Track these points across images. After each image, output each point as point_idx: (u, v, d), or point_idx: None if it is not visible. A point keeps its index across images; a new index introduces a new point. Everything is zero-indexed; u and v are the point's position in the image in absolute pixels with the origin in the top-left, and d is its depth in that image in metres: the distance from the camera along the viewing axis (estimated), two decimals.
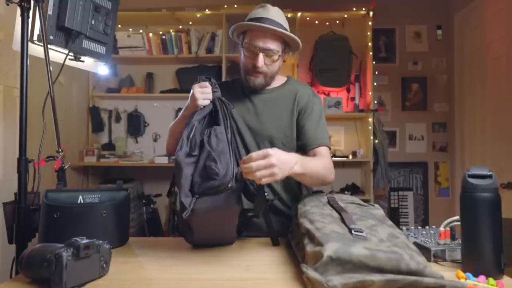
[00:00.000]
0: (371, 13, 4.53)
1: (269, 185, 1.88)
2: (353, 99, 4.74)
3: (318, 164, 1.73)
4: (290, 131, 1.94)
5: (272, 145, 1.90)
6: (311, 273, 1.10)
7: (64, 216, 1.50)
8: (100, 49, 2.07)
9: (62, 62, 1.88)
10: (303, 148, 1.93)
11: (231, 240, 1.63)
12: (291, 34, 1.83)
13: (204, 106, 1.62)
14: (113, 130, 4.94)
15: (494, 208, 1.21)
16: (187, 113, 1.71)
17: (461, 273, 1.22)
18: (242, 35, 1.90)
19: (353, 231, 1.20)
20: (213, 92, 1.65)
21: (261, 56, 1.82)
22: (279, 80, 2.04)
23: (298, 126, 1.95)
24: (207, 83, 1.67)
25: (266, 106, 1.95)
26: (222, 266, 1.36)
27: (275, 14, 1.85)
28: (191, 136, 1.49)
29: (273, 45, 1.83)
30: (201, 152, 1.47)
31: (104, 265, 1.24)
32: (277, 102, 1.96)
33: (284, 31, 1.81)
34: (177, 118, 1.88)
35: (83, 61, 2.02)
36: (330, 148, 1.96)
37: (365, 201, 1.60)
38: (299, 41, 1.87)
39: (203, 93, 1.64)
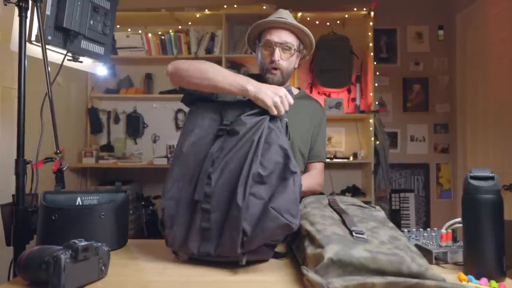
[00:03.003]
0: (372, 13, 4.52)
1: None
2: (354, 100, 4.73)
3: (309, 183, 1.94)
4: (307, 142, 2.09)
5: (292, 151, 1.90)
6: (311, 275, 1.09)
7: (63, 218, 1.49)
8: (99, 49, 2.06)
9: (60, 62, 1.87)
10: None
11: None
12: (305, 28, 1.96)
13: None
14: (112, 131, 4.93)
15: (497, 210, 1.20)
16: (239, 93, 1.52)
17: (463, 276, 1.21)
18: (258, 38, 2.03)
19: (354, 233, 1.19)
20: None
21: (277, 50, 1.93)
22: (292, 91, 2.02)
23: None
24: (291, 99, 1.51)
25: (289, 113, 1.93)
26: (221, 268, 1.34)
27: (287, 15, 1.99)
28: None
29: (289, 39, 1.96)
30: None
31: (103, 267, 1.22)
32: (298, 111, 2.03)
33: (298, 24, 1.95)
34: (221, 74, 1.58)
35: (81, 62, 2.01)
36: (325, 162, 2.19)
37: (366, 203, 1.59)
38: (311, 35, 2.00)
39: (283, 101, 1.47)
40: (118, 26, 4.65)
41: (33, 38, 1.78)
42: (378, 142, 4.46)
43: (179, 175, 1.45)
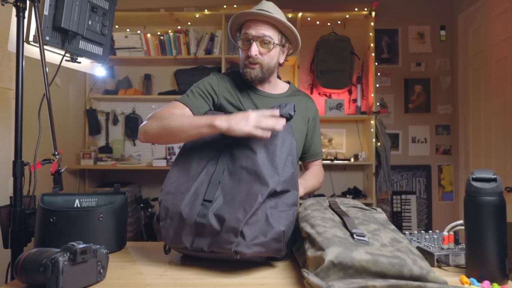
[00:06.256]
0: (373, 13, 4.51)
1: None
2: (355, 101, 4.72)
3: (314, 182, 1.96)
4: (300, 144, 1.98)
5: None
6: (312, 278, 1.08)
7: (61, 220, 1.47)
8: (97, 50, 2.05)
9: (58, 63, 1.87)
10: (303, 157, 2.07)
11: None
12: (284, 21, 1.80)
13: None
14: (110, 133, 4.91)
15: (499, 212, 1.19)
16: (208, 132, 1.51)
17: (465, 278, 1.20)
18: (239, 32, 1.88)
19: (355, 236, 1.18)
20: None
21: (254, 45, 1.79)
22: (281, 86, 2.02)
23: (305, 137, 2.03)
24: (283, 121, 1.46)
25: None
26: (221, 271, 1.34)
27: (270, 7, 1.84)
28: None
29: (267, 32, 1.80)
30: None
31: (101, 270, 1.21)
32: None
33: (275, 16, 1.77)
34: (190, 121, 1.58)
35: (79, 62, 2.01)
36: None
37: (367, 205, 1.58)
38: (293, 29, 1.84)
39: (261, 123, 1.43)
40: (116, 26, 4.64)
41: (31, 38, 1.78)
42: (379, 144, 4.45)
43: (180, 173, 1.48)
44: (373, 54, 4.51)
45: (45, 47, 1.77)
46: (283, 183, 1.38)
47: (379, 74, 4.78)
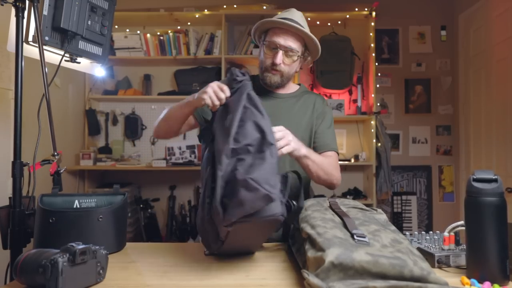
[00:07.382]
0: (373, 13, 4.50)
1: None
2: (355, 101, 4.71)
3: (325, 159, 1.89)
4: (306, 136, 2.01)
5: None
6: (312, 279, 1.08)
7: (60, 221, 1.47)
8: (97, 50, 2.05)
9: (57, 63, 1.86)
10: (313, 148, 2.05)
11: (257, 248, 1.56)
12: (312, 36, 1.91)
13: (211, 109, 1.59)
14: (110, 133, 4.90)
15: (500, 212, 1.19)
16: (188, 110, 1.75)
17: (466, 279, 1.20)
18: (264, 34, 1.96)
19: (355, 236, 1.17)
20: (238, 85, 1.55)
21: (280, 54, 1.88)
22: (291, 87, 2.11)
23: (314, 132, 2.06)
24: (225, 88, 1.56)
25: (285, 111, 2.00)
26: (221, 272, 1.34)
27: (299, 17, 1.95)
28: None
29: (294, 45, 1.90)
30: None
31: (101, 271, 1.21)
32: (298, 107, 2.03)
33: (306, 31, 1.89)
34: (176, 104, 1.84)
35: (79, 63, 2.01)
36: (338, 154, 2.07)
37: (367, 205, 1.58)
38: (318, 44, 1.94)
39: (215, 93, 1.56)
40: (116, 26, 4.62)
41: (30, 38, 1.77)
42: (379, 144, 4.44)
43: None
44: (373, 54, 4.50)
45: (44, 47, 1.77)
46: (242, 147, 1.31)
47: (379, 74, 4.77)
